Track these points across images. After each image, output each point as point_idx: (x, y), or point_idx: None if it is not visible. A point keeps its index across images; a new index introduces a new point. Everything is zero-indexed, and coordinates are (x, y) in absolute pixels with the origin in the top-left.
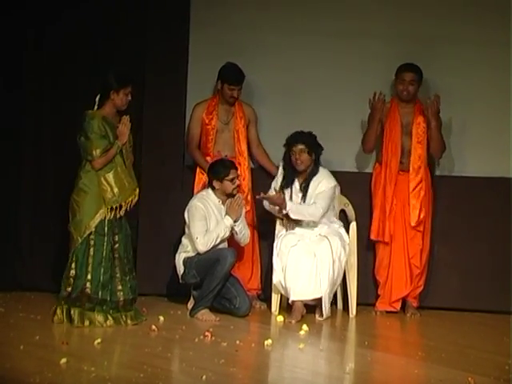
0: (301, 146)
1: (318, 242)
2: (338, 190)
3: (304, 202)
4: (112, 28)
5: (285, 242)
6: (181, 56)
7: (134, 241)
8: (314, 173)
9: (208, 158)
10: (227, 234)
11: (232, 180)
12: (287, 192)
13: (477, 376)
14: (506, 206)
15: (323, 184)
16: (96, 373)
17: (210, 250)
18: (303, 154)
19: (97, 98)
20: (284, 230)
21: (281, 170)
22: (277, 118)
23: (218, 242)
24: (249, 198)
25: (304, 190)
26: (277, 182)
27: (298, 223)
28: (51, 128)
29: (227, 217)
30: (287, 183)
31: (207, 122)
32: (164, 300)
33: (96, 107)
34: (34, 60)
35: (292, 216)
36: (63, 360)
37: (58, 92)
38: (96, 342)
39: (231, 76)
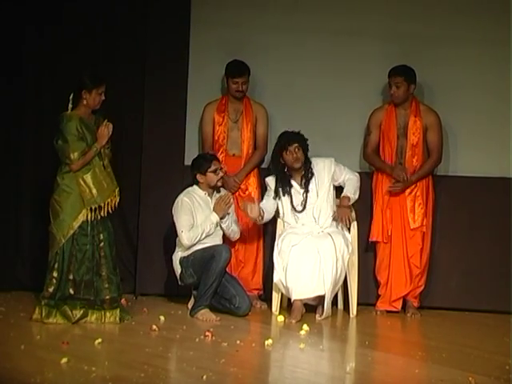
0: (296, 144)
1: (322, 238)
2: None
3: (306, 196)
4: (112, 28)
5: (286, 241)
6: (181, 56)
7: (135, 240)
8: (308, 165)
9: (221, 156)
10: (212, 229)
11: (215, 171)
12: (287, 198)
13: (477, 376)
14: (506, 206)
15: (326, 164)
16: (96, 373)
17: (204, 248)
18: (299, 152)
19: (70, 97)
20: (285, 229)
21: (272, 182)
22: (277, 118)
23: (203, 237)
24: (256, 196)
25: (305, 185)
26: (268, 197)
27: (304, 224)
28: (51, 128)
29: (213, 213)
30: (284, 188)
31: (218, 120)
32: (164, 300)
33: (70, 106)
34: (33, 60)
35: (356, 196)
36: (63, 360)
37: (58, 92)
38: (96, 342)
39: (233, 68)
